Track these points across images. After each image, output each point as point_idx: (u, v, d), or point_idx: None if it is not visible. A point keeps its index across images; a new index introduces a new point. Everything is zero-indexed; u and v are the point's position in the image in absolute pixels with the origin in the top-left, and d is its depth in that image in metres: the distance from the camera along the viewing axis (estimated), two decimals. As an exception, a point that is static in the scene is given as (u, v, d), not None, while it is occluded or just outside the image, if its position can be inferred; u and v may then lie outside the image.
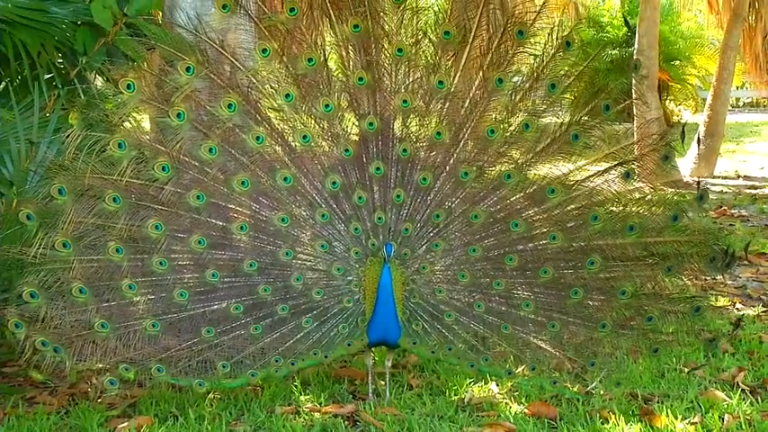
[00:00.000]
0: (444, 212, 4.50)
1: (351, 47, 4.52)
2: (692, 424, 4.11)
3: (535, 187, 4.52)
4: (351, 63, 4.54)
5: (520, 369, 4.55)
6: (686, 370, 4.82)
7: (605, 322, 4.47)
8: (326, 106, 4.44)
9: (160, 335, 4.24)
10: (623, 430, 4.08)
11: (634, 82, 4.82)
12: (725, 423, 4.11)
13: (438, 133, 4.48)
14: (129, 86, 4.21)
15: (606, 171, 4.53)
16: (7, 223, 4.64)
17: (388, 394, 4.51)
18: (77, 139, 4.14)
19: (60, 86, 5.97)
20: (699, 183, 4.72)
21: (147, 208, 4.23)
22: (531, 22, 4.49)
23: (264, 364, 4.34)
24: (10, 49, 5.75)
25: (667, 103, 20.89)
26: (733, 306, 6.22)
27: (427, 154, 4.51)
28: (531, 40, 4.50)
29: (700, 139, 13.13)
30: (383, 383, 4.57)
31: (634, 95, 4.87)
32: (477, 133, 4.51)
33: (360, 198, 4.47)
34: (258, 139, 4.38)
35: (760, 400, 4.38)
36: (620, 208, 4.53)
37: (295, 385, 4.66)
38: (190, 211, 4.30)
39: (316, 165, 4.49)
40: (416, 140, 4.51)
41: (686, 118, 20.36)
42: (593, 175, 4.53)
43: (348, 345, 4.45)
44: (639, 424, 4.11)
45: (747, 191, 12.43)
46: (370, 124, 4.46)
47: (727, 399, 4.37)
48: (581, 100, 4.62)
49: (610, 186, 4.53)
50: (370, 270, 4.44)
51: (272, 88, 4.44)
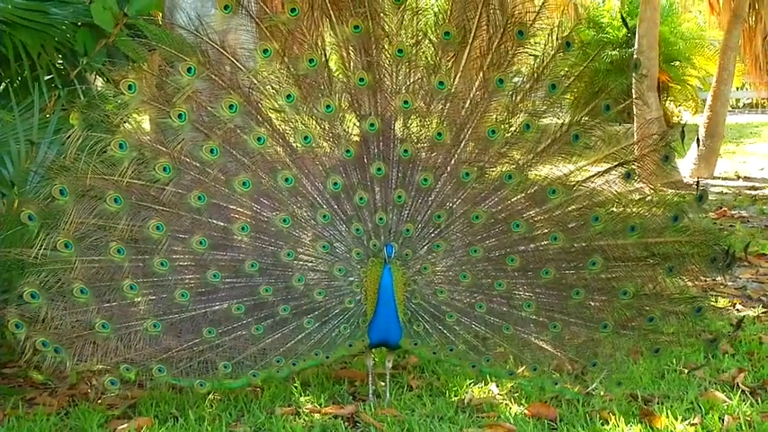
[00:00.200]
0: (445, 213, 4.50)
1: (351, 47, 4.52)
2: (692, 425, 4.11)
3: (536, 188, 4.52)
4: (351, 64, 4.54)
5: (520, 370, 4.54)
6: (686, 371, 4.82)
7: (607, 323, 4.47)
8: (328, 107, 4.44)
9: (161, 335, 4.24)
10: (623, 431, 4.08)
11: (634, 82, 4.81)
12: (725, 424, 4.10)
13: (439, 134, 4.48)
14: (130, 87, 4.21)
15: (607, 172, 4.53)
16: (8, 224, 4.63)
17: (388, 395, 4.51)
18: (78, 140, 4.14)
19: (60, 87, 5.96)
20: (698, 183, 4.72)
21: (148, 209, 4.22)
22: (530, 22, 4.49)
23: (266, 364, 4.33)
24: (10, 50, 5.75)
25: (667, 103, 20.88)
26: (733, 307, 6.22)
27: (428, 155, 4.51)
28: (531, 40, 4.50)
29: (699, 140, 13.12)
30: (383, 384, 4.57)
31: (634, 95, 4.86)
32: (478, 134, 4.51)
33: (361, 199, 4.47)
34: (259, 139, 4.38)
35: (760, 401, 4.38)
36: (621, 208, 4.53)
37: (295, 386, 4.66)
38: (191, 212, 4.29)
39: (317, 165, 4.49)
40: (417, 141, 4.51)
41: (686, 119, 20.34)
42: (593, 176, 4.53)
43: (349, 345, 4.45)
44: (639, 425, 4.11)
45: (747, 192, 12.43)
46: (371, 125, 4.46)
47: (728, 400, 4.37)
48: (581, 100, 4.61)
49: (610, 187, 4.53)
50: (372, 271, 4.43)
51: (273, 89, 4.45)
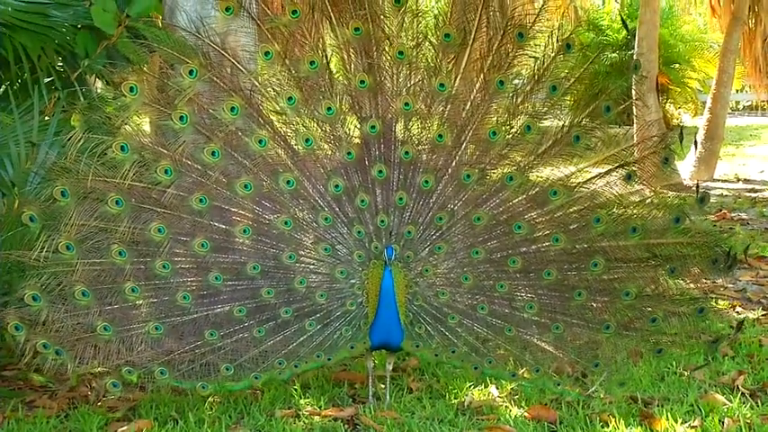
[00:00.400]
0: (447, 215, 4.49)
1: (352, 50, 4.52)
2: (692, 427, 4.11)
3: (537, 189, 4.52)
4: (352, 66, 4.54)
5: (521, 372, 4.54)
6: (686, 373, 4.82)
7: (609, 323, 4.47)
8: (329, 109, 4.44)
9: (163, 338, 4.23)
10: (623, 433, 4.09)
11: (634, 84, 4.82)
12: (725, 426, 4.10)
13: (440, 136, 4.48)
14: (131, 89, 4.20)
15: (607, 173, 4.53)
16: (9, 225, 4.63)
17: (388, 398, 4.51)
18: (79, 142, 4.14)
19: (60, 90, 5.96)
20: (698, 186, 4.72)
21: (149, 211, 4.22)
22: (530, 24, 4.50)
23: (267, 366, 4.33)
24: (10, 52, 5.75)
25: (667, 106, 20.88)
26: (733, 309, 6.22)
27: (429, 157, 4.51)
28: (531, 42, 4.51)
29: (696, 143, 13.14)
30: (383, 387, 4.57)
31: (634, 97, 4.86)
32: (479, 136, 4.51)
33: (362, 201, 4.47)
34: (261, 142, 4.38)
35: (760, 403, 4.38)
36: (622, 210, 4.53)
37: (295, 389, 4.66)
38: (192, 215, 4.29)
39: (318, 168, 4.48)
40: (418, 143, 4.51)
41: (686, 121, 20.36)
42: (594, 177, 4.53)
43: (351, 348, 4.45)
44: (639, 427, 4.11)
45: (747, 194, 12.43)
46: (372, 127, 4.46)
47: (727, 402, 4.36)
48: (582, 102, 4.62)
49: (611, 188, 4.53)
50: (373, 273, 4.43)
51: (274, 91, 4.45)
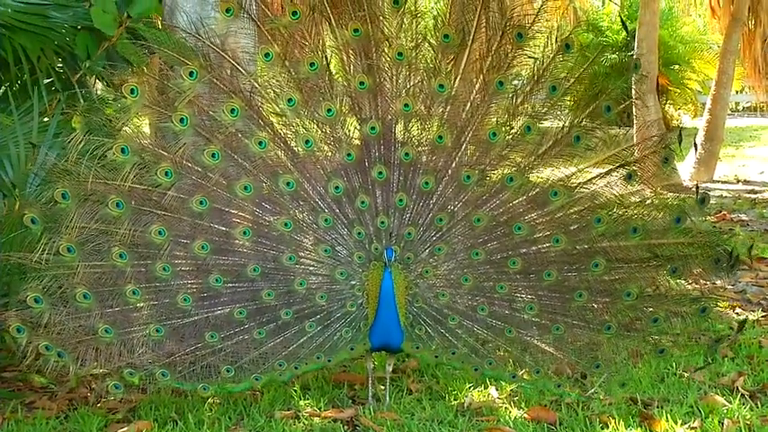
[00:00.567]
0: (447, 216, 4.49)
1: (351, 51, 4.52)
2: (692, 429, 4.11)
3: (537, 190, 4.51)
4: (352, 67, 4.54)
5: (521, 373, 4.53)
6: (686, 374, 4.81)
7: (610, 324, 4.46)
8: (329, 111, 4.44)
9: (164, 340, 4.23)
10: (623, 435, 4.09)
11: (634, 84, 4.82)
12: (724, 428, 4.10)
13: (440, 137, 4.48)
14: (132, 91, 4.20)
15: (608, 173, 4.52)
16: (9, 227, 4.63)
17: (387, 399, 4.51)
18: (80, 144, 4.13)
19: (60, 91, 5.96)
20: (698, 186, 4.72)
21: (150, 213, 4.22)
22: (529, 24, 4.49)
23: (268, 368, 4.33)
24: (10, 53, 5.74)
25: (667, 107, 20.88)
26: (733, 311, 6.22)
27: (429, 158, 4.51)
28: (531, 42, 4.51)
29: (696, 144, 13.14)
30: (383, 388, 4.57)
31: (634, 97, 4.87)
32: (479, 136, 4.51)
33: (362, 202, 4.46)
34: (261, 143, 4.38)
35: (759, 404, 4.38)
36: (623, 210, 4.52)
37: (294, 390, 4.66)
38: (193, 217, 4.29)
39: (318, 169, 4.48)
40: (418, 144, 4.51)
41: (686, 122, 20.37)
42: (595, 178, 4.52)
43: (351, 349, 4.45)
44: (639, 429, 4.11)
45: (747, 195, 12.43)
46: (372, 128, 4.46)
47: (727, 403, 4.36)
48: (582, 102, 4.62)
49: (612, 189, 4.52)
50: (373, 274, 4.42)
51: (274, 93, 4.45)
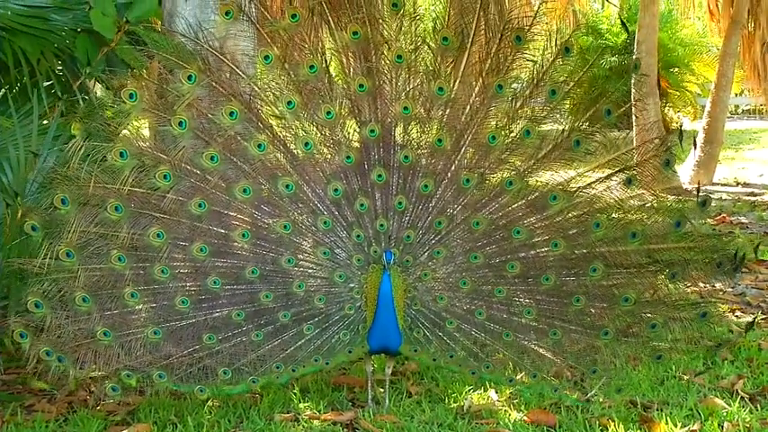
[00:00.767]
0: (446, 219, 4.49)
1: (351, 53, 4.52)
2: (692, 431, 4.11)
3: (537, 194, 4.50)
4: (351, 70, 4.53)
5: (520, 376, 4.53)
6: (686, 377, 4.82)
7: (608, 329, 4.46)
8: (328, 113, 4.43)
9: (162, 342, 4.23)
10: (623, 437, 4.09)
11: (634, 87, 4.81)
12: (724, 430, 4.11)
13: (439, 140, 4.47)
14: (131, 96, 4.21)
15: (607, 178, 4.52)
16: (12, 234, 4.63)
17: (387, 401, 4.51)
18: (80, 150, 4.13)
19: (60, 94, 5.96)
20: (699, 189, 4.70)
21: (148, 216, 4.22)
22: (528, 27, 4.48)
23: (265, 370, 4.33)
24: (9, 56, 5.74)
25: (666, 110, 20.88)
26: (732, 314, 6.22)
27: (429, 161, 4.50)
28: (530, 45, 4.50)
29: (696, 145, 13.14)
30: (382, 391, 4.57)
31: (633, 99, 4.86)
32: (478, 140, 4.50)
33: (362, 205, 4.46)
34: (260, 146, 4.37)
35: (759, 407, 4.38)
36: (622, 215, 4.52)
37: (294, 393, 4.66)
38: (191, 219, 4.28)
39: (317, 172, 4.48)
40: (418, 147, 4.51)
41: (685, 125, 20.36)
42: (594, 182, 4.52)
43: (349, 352, 4.45)
44: (639, 431, 4.11)
45: (746, 198, 12.45)
46: (372, 131, 4.46)
47: (727, 406, 4.37)
48: (581, 106, 4.61)
49: (611, 193, 4.52)
50: (372, 277, 4.42)
51: (274, 96, 4.45)
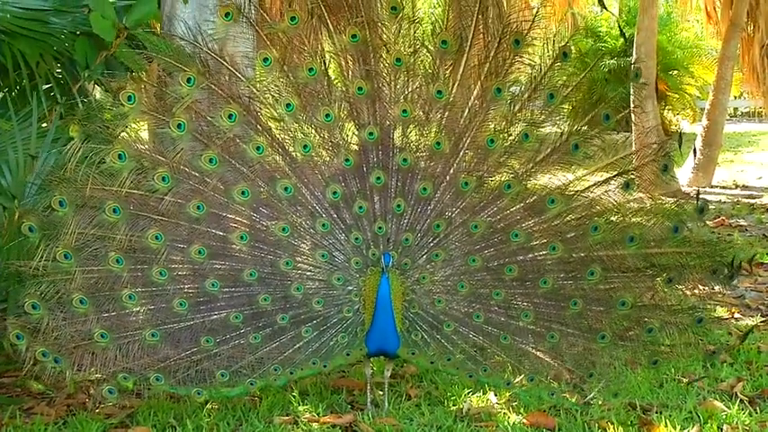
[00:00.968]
0: (444, 222, 4.49)
1: (349, 56, 4.52)
2: (691, 434, 4.12)
3: (535, 197, 4.51)
4: (350, 73, 4.54)
5: (518, 379, 4.53)
6: (685, 380, 4.81)
7: (605, 333, 4.46)
8: (327, 116, 4.44)
9: (159, 344, 4.23)
10: (622, 440, 4.09)
11: (633, 91, 4.81)
12: (723, 433, 4.12)
13: (438, 143, 4.48)
14: (129, 98, 4.21)
15: (606, 181, 4.52)
16: (9, 236, 4.63)
17: (386, 404, 4.50)
18: (78, 152, 4.13)
19: (59, 97, 5.95)
20: (698, 194, 4.71)
21: (146, 218, 4.22)
22: (526, 30, 4.48)
23: (263, 373, 4.33)
24: (9, 59, 5.74)
25: (665, 112, 20.90)
26: (732, 316, 6.22)
27: (427, 164, 4.50)
28: (528, 49, 4.50)
29: (695, 150, 13.16)
30: (381, 393, 4.57)
31: (632, 104, 4.86)
32: (477, 143, 4.51)
33: (360, 208, 4.46)
34: (259, 149, 4.38)
35: (758, 410, 4.38)
36: (621, 219, 4.52)
37: (293, 395, 4.66)
38: (190, 222, 4.29)
39: (316, 174, 4.48)
40: (416, 150, 4.51)
41: (684, 128, 20.38)
42: (592, 186, 4.52)
43: (347, 354, 4.45)
44: (638, 434, 4.12)
45: (745, 200, 12.46)
46: (370, 134, 4.46)
47: (726, 409, 4.37)
48: (580, 109, 4.61)
49: (609, 197, 4.52)
50: (370, 280, 4.42)
51: (272, 98, 4.45)
